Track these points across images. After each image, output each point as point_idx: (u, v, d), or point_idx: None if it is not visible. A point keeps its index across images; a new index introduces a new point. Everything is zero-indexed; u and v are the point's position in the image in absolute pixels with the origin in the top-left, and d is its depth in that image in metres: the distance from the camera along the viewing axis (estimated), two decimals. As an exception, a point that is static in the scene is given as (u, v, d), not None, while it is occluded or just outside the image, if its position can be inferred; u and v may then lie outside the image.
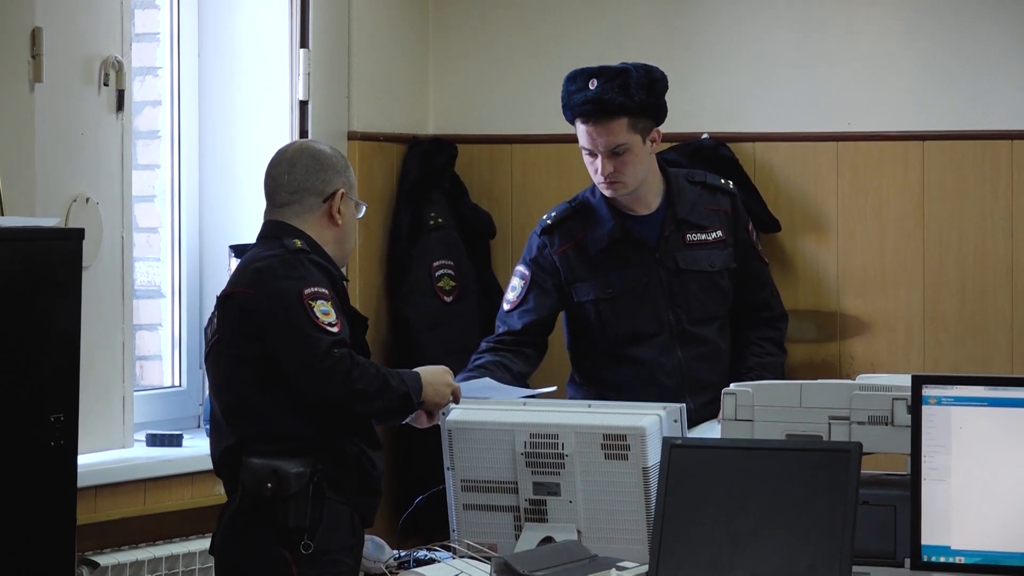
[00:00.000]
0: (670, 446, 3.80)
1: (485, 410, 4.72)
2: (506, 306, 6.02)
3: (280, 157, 4.44)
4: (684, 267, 5.42)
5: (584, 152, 5.84)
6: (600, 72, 5.78)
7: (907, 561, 3.65)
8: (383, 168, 7.42)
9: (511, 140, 7.75)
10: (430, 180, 7.39)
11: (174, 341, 6.73)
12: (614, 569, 3.93)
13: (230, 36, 6.79)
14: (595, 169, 5.79)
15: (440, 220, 7.35)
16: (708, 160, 7.10)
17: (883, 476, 4.08)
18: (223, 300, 4.35)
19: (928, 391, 3.72)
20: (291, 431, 4.20)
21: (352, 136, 7.18)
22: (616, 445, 4.33)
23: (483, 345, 5.67)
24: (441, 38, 7.88)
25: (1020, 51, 7.20)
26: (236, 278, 4.44)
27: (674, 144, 7.08)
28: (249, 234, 6.47)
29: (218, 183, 6.95)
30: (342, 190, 4.32)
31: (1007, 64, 7.21)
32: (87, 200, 5.60)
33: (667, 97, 7.09)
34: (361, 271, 7.21)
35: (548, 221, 6.01)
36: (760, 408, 4.25)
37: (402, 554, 4.38)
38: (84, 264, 4.95)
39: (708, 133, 7.17)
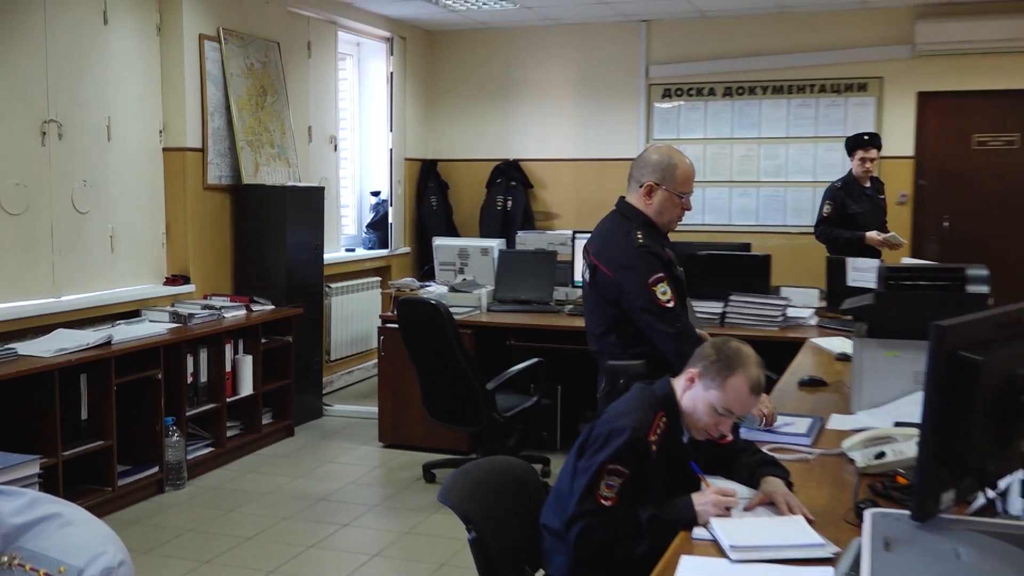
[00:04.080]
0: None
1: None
2: None
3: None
4: None
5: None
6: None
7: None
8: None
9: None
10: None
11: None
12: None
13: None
14: None
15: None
16: (513, 172, 8.10)
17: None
18: None
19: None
20: None
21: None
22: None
23: None
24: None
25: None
26: None
27: (498, 163, 8.14)
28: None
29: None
30: (649, 182, 3.24)
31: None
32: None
33: (493, 134, 8.26)
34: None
35: None
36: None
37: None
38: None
39: (513, 157, 8.23)
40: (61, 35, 5.02)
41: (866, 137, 6.10)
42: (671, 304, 3.15)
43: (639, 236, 3.21)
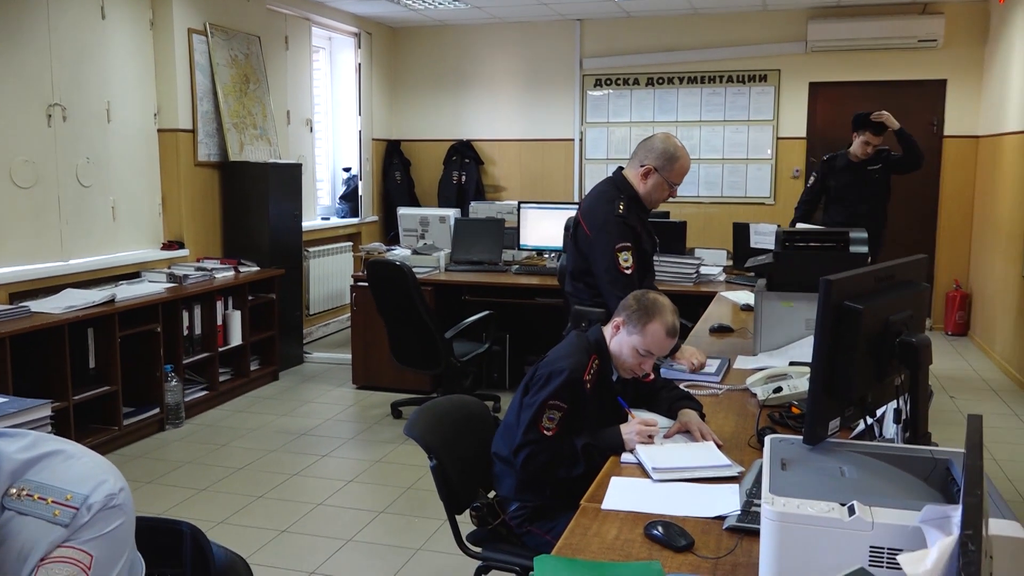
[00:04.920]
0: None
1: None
2: None
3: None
4: None
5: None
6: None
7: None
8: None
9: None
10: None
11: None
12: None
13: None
14: None
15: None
16: (466, 151, 7.94)
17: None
18: None
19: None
20: None
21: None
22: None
23: None
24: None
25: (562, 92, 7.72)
26: None
27: (453, 143, 8.03)
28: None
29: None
30: (649, 165, 3.15)
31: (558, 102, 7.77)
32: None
33: (448, 117, 7.98)
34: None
35: None
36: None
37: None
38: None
39: (466, 138, 8.11)
40: (63, 29, 4.84)
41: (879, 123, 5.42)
42: (629, 272, 3.05)
43: (621, 207, 3.12)
